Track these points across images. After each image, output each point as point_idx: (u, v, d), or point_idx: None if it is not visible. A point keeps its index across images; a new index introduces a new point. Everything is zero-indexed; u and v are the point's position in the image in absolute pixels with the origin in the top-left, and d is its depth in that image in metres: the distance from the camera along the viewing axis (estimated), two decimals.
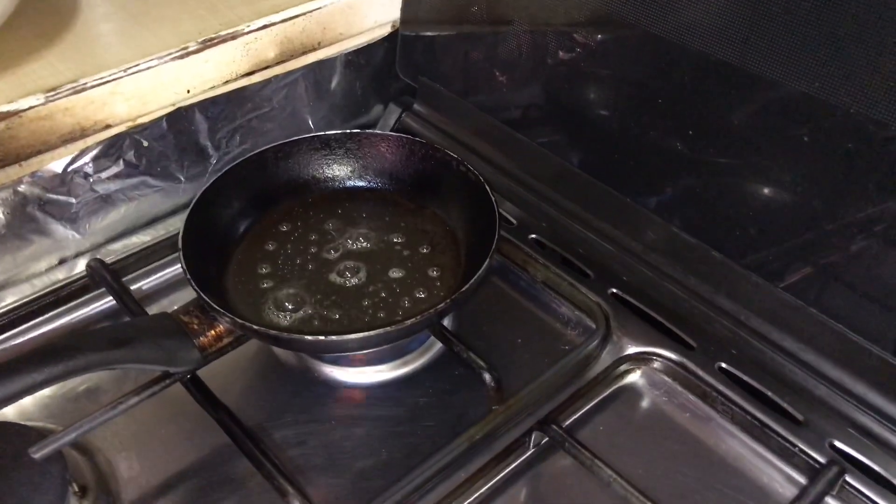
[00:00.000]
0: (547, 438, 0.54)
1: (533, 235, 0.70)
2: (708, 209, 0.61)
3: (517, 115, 0.75)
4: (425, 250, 0.64)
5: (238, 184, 0.65)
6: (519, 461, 0.54)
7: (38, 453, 0.49)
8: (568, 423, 0.56)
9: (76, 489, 0.52)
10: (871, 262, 0.53)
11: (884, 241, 0.51)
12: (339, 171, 0.69)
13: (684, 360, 0.59)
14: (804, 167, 0.54)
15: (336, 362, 0.62)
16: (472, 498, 0.52)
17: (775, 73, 0.53)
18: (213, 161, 0.72)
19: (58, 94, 0.60)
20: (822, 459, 0.53)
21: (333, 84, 0.77)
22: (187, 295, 0.62)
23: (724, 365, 0.59)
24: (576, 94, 0.69)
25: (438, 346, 0.62)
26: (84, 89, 0.61)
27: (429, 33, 0.79)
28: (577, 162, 0.69)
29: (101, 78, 0.61)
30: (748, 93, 0.56)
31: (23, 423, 0.55)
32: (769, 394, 0.57)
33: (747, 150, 0.57)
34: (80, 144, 0.63)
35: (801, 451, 0.53)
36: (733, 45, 0.55)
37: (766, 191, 0.58)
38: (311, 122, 0.78)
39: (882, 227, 0.51)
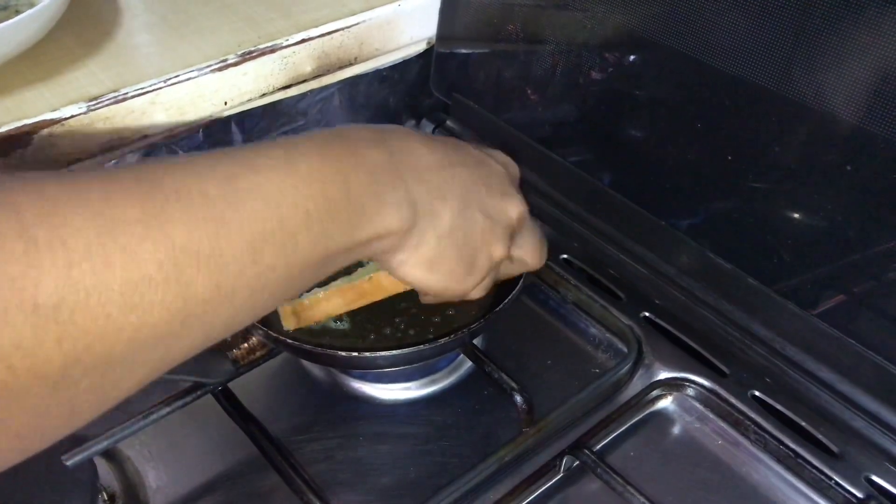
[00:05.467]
0: (578, 462, 0.53)
1: (564, 255, 0.70)
2: (744, 234, 0.60)
3: (550, 134, 0.74)
4: None
5: None
6: (549, 484, 0.54)
7: (70, 460, 0.49)
8: (599, 447, 0.55)
9: (106, 497, 0.52)
10: None
11: None
12: None
13: (717, 387, 0.59)
14: (843, 195, 0.54)
15: (364, 378, 0.62)
16: None
17: (816, 100, 0.53)
18: None
19: (99, 103, 0.60)
20: (858, 494, 0.52)
21: (368, 99, 0.78)
22: None
23: (757, 393, 0.58)
24: (610, 115, 0.69)
25: (467, 364, 0.62)
26: (125, 99, 0.61)
27: (464, 50, 0.79)
28: (610, 182, 0.69)
29: (142, 88, 0.62)
30: (788, 119, 0.55)
31: None
32: (804, 424, 0.56)
33: (786, 176, 0.57)
34: (118, 153, 0.63)
35: (837, 483, 0.52)
36: (774, 71, 0.54)
37: (803, 217, 0.57)
38: None
39: None
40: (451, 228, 0.43)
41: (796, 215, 0.58)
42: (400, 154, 0.41)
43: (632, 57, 0.65)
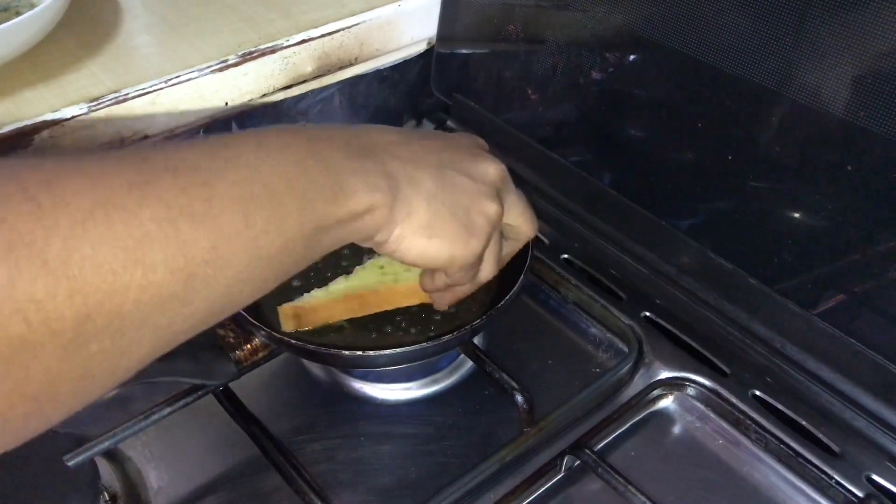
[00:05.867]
0: (578, 462, 0.53)
1: (565, 255, 0.70)
2: (744, 234, 0.60)
3: (550, 134, 0.74)
4: None
5: None
6: (549, 484, 0.54)
7: (71, 461, 0.49)
8: (600, 447, 0.55)
9: (107, 497, 0.52)
10: None
11: None
12: None
13: (717, 387, 0.59)
14: (843, 195, 0.54)
15: (365, 378, 0.62)
16: None
17: (818, 100, 0.53)
18: None
19: (100, 103, 0.60)
20: (859, 493, 0.52)
21: (368, 99, 0.78)
22: None
23: (758, 393, 0.58)
24: (611, 115, 0.69)
25: (467, 364, 0.62)
26: (126, 100, 0.61)
27: (464, 51, 0.79)
28: (610, 182, 0.69)
29: (143, 89, 0.62)
30: (789, 119, 0.55)
31: (54, 429, 0.55)
32: (804, 423, 0.56)
33: (786, 175, 0.57)
34: None
35: (838, 483, 0.52)
36: (774, 70, 0.54)
37: (803, 217, 0.57)
38: None
39: None
40: (436, 191, 0.43)
41: (796, 215, 0.58)
42: (366, 136, 0.43)
43: (632, 57, 0.65)
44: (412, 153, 0.44)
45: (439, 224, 0.44)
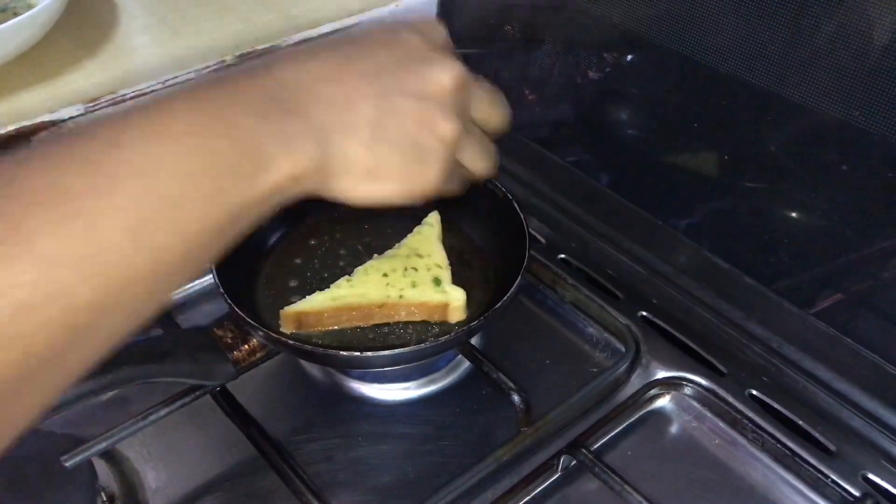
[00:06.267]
0: (575, 462, 0.53)
1: (562, 255, 0.70)
2: (740, 233, 0.61)
3: (547, 134, 0.75)
4: (453, 267, 0.64)
5: None
6: (546, 484, 0.54)
7: (69, 461, 0.49)
8: (596, 446, 0.55)
9: (105, 498, 0.52)
10: None
11: None
12: None
13: (714, 387, 0.59)
14: (840, 194, 0.54)
15: (363, 378, 0.62)
16: None
17: (813, 100, 0.53)
18: None
19: (97, 104, 0.60)
20: (855, 492, 0.52)
21: None
22: (216, 306, 0.63)
23: (754, 392, 0.58)
24: (607, 115, 0.69)
25: (465, 365, 0.62)
26: (123, 100, 0.62)
27: (462, 50, 0.79)
28: (607, 182, 0.69)
29: (140, 90, 0.62)
30: (785, 119, 0.56)
31: (52, 430, 0.55)
32: (801, 423, 0.56)
33: (782, 175, 0.57)
34: None
35: (834, 482, 0.53)
36: (771, 71, 0.55)
37: (800, 217, 0.58)
38: None
39: None
40: (376, 129, 0.38)
41: (793, 215, 0.58)
42: (290, 78, 0.37)
43: (629, 57, 0.65)
44: (345, 88, 0.38)
45: (384, 166, 0.39)
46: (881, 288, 0.54)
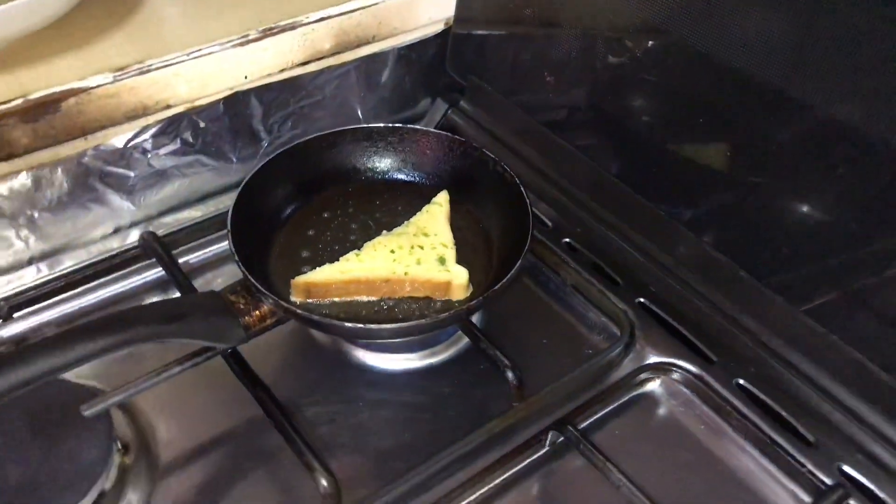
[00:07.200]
0: (563, 438, 0.56)
1: (566, 239, 0.72)
2: (739, 229, 0.62)
3: (559, 119, 0.76)
4: (459, 247, 0.66)
5: (284, 170, 0.67)
6: (534, 457, 0.57)
7: (87, 411, 0.52)
8: (584, 425, 0.58)
9: (119, 446, 0.56)
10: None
11: None
12: (380, 163, 0.72)
13: (703, 374, 0.61)
14: (840, 195, 0.55)
15: (368, 347, 0.65)
16: (487, 488, 0.55)
17: (821, 99, 0.54)
18: (265, 144, 0.75)
19: (125, 73, 0.63)
20: (829, 481, 0.54)
21: (384, 77, 0.80)
22: (230, 270, 0.66)
23: (741, 381, 0.60)
24: (618, 104, 0.71)
25: (465, 340, 0.65)
26: (149, 70, 0.64)
27: (480, 32, 0.81)
28: (614, 171, 0.71)
29: (166, 61, 0.65)
30: (791, 116, 0.57)
31: (72, 381, 0.59)
32: (783, 413, 0.58)
33: (784, 173, 0.58)
34: (142, 122, 0.66)
35: (810, 472, 0.55)
36: (781, 68, 0.56)
37: (797, 216, 0.59)
38: (360, 113, 0.80)
39: None
40: None
41: (791, 214, 0.59)
42: None
43: (644, 47, 0.66)
44: None
45: None
46: (870, 290, 0.56)
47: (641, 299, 0.67)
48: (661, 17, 0.64)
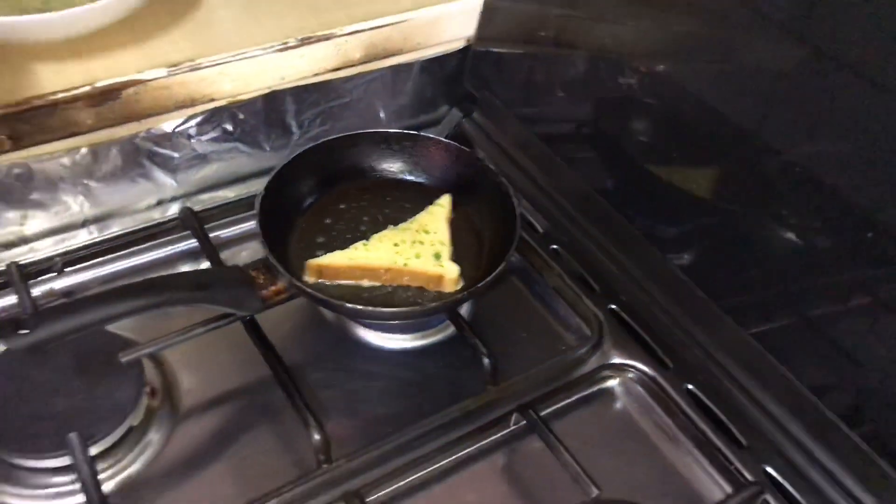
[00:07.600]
0: (525, 421, 0.64)
1: (554, 246, 0.80)
2: (702, 252, 0.70)
3: (556, 136, 0.84)
4: (455, 245, 0.74)
5: (310, 164, 0.76)
6: (499, 434, 0.65)
7: (125, 358, 0.61)
8: (547, 412, 0.66)
9: (148, 391, 0.65)
10: (828, 327, 0.61)
11: (844, 311, 0.60)
12: (394, 164, 0.80)
13: (658, 377, 0.69)
14: (795, 232, 0.62)
15: (367, 326, 0.73)
16: (457, 456, 0.63)
17: (787, 143, 0.60)
18: (296, 137, 0.84)
19: (178, 69, 0.72)
20: (751, 478, 0.62)
21: (408, 85, 0.88)
22: (254, 247, 0.75)
23: (690, 387, 0.68)
24: (609, 127, 0.78)
25: (452, 327, 0.73)
26: (199, 68, 0.73)
27: (496, 51, 0.88)
28: (600, 188, 0.78)
29: (215, 60, 0.73)
30: (759, 157, 0.63)
31: (114, 332, 0.68)
32: (723, 418, 0.66)
33: (748, 206, 0.65)
34: (189, 111, 0.75)
35: (736, 469, 0.63)
36: (750, 115, 0.63)
37: (754, 246, 0.66)
38: (382, 115, 0.88)
39: (847, 298, 0.60)
40: None
41: (747, 245, 0.66)
42: None
43: (649, 77, 0.72)
44: None
45: None
46: (809, 321, 0.62)
47: (613, 306, 0.75)
48: (670, 53, 0.70)
